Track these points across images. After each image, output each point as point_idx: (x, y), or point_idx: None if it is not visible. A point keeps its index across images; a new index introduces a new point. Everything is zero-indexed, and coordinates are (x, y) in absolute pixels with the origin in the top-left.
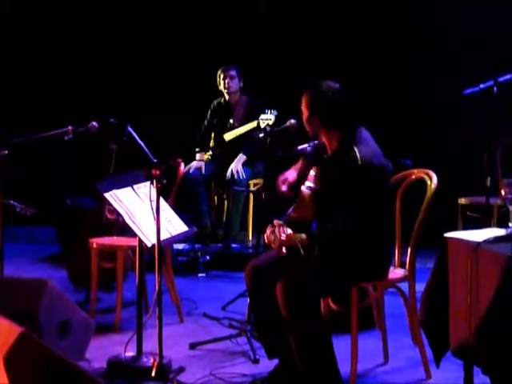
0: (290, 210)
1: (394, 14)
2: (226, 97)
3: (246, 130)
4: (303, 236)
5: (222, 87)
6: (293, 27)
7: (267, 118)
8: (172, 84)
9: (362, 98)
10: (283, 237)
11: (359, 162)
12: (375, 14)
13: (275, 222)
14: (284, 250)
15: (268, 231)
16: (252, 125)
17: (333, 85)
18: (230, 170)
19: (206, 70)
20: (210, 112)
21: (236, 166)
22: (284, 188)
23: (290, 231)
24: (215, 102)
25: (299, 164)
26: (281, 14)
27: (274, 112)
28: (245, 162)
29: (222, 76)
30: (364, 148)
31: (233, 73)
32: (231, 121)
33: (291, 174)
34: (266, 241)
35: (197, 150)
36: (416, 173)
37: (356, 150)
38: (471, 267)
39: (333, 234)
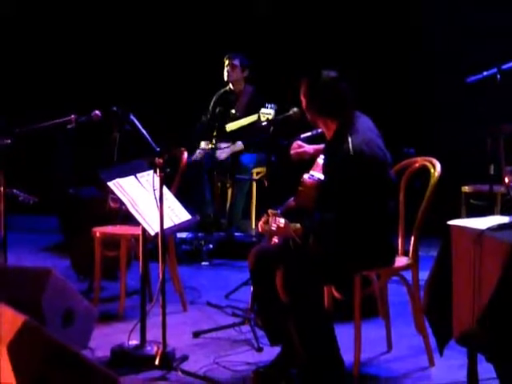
0: (291, 198)
1: (392, 5)
2: (231, 86)
3: (247, 122)
4: (298, 226)
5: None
6: (293, 25)
7: (267, 113)
8: (174, 74)
9: (364, 87)
10: (273, 227)
11: (351, 152)
12: (373, 5)
13: (269, 211)
14: (276, 239)
15: (261, 220)
16: (253, 118)
17: (329, 73)
18: (218, 156)
19: (208, 61)
20: (213, 102)
21: (224, 153)
22: (295, 152)
23: (283, 221)
24: (220, 91)
25: (319, 146)
26: (281, 13)
27: (274, 106)
28: (249, 151)
29: (226, 63)
30: (358, 138)
31: (235, 62)
32: (233, 111)
33: (309, 149)
34: (260, 230)
35: (202, 142)
36: (419, 161)
37: (349, 139)
38: (475, 255)
39: (324, 224)
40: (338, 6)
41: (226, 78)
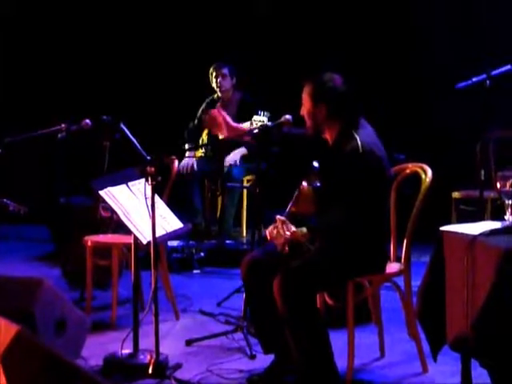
0: (290, 204)
1: (391, 10)
2: (219, 94)
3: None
4: (304, 230)
5: (214, 85)
6: (292, 27)
7: (260, 120)
8: (165, 82)
9: (358, 92)
10: (287, 234)
11: (360, 150)
12: (371, 9)
13: (278, 217)
14: (287, 247)
15: (271, 227)
16: (245, 125)
17: (335, 75)
18: (227, 161)
19: (198, 68)
20: (201, 110)
21: (234, 157)
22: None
23: (293, 228)
24: (208, 99)
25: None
26: (281, 13)
27: (267, 114)
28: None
29: (214, 74)
30: (365, 136)
31: (225, 71)
32: None
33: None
34: (269, 237)
35: (187, 146)
36: (410, 167)
37: (357, 137)
38: (467, 260)
39: (335, 223)
40: (337, 7)
41: (218, 89)
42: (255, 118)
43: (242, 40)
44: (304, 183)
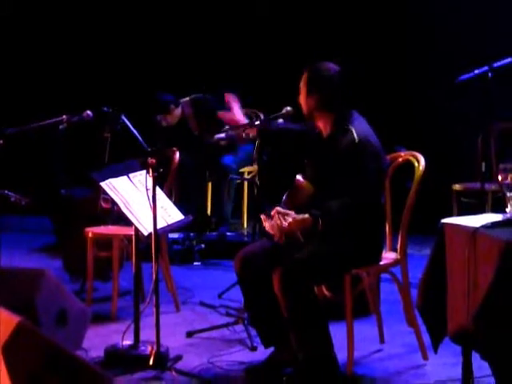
0: (284, 197)
1: (389, 5)
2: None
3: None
4: (306, 216)
5: None
6: (293, 25)
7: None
8: (165, 74)
9: (357, 85)
10: (285, 224)
11: (356, 141)
12: (371, 5)
13: (276, 209)
14: (283, 237)
15: (269, 219)
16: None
17: (333, 66)
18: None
19: (197, 59)
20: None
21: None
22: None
23: (290, 219)
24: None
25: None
26: (280, 13)
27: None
28: (234, 150)
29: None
30: (360, 128)
31: (160, 118)
32: (192, 134)
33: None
34: (267, 228)
35: None
36: (403, 155)
37: (352, 129)
38: (469, 253)
39: (338, 207)
40: (336, 6)
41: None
42: (218, 136)
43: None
44: (298, 176)
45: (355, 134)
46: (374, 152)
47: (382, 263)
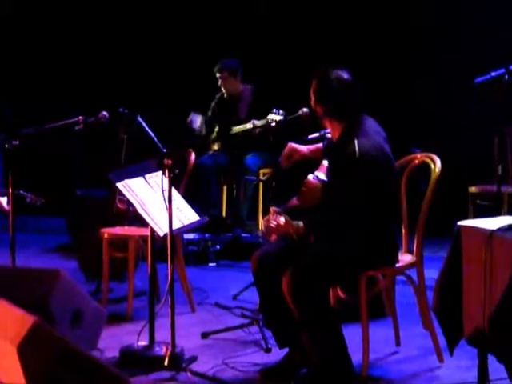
0: (294, 198)
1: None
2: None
3: (253, 126)
4: (300, 223)
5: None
6: (293, 25)
7: (275, 119)
8: (179, 76)
9: (371, 86)
10: (273, 224)
11: (357, 155)
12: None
13: (272, 209)
14: (274, 236)
15: (265, 219)
16: (260, 123)
17: (341, 75)
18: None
19: (212, 61)
20: (213, 104)
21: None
22: (289, 161)
23: (283, 219)
24: (218, 96)
25: (316, 146)
26: (281, 13)
27: (283, 112)
28: (255, 151)
29: (216, 75)
30: (365, 141)
31: (225, 74)
32: (235, 114)
33: (303, 149)
34: (263, 228)
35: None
36: (419, 157)
37: (356, 141)
38: (485, 255)
39: (326, 223)
40: (339, 6)
41: (223, 91)
42: (271, 116)
43: (241, 40)
44: (309, 176)
45: (357, 148)
46: (373, 168)
47: (397, 265)
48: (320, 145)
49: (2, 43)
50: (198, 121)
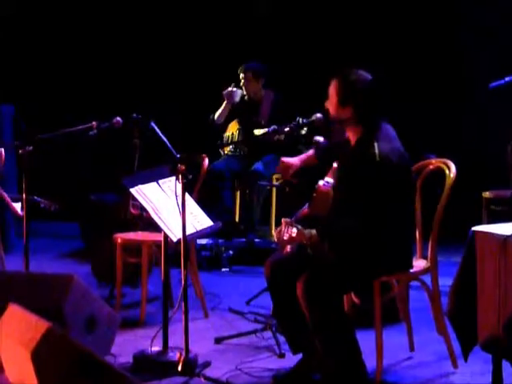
0: (305, 206)
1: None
2: (249, 94)
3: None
4: (313, 232)
5: (241, 86)
6: (293, 25)
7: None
8: (195, 80)
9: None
10: (286, 237)
11: (377, 159)
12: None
13: (283, 220)
14: (288, 248)
15: (277, 230)
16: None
17: (367, 76)
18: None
19: (228, 64)
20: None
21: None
22: (288, 175)
23: (295, 230)
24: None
25: (306, 154)
26: (281, 14)
27: (306, 120)
28: (268, 157)
29: (240, 76)
30: (384, 145)
31: (249, 74)
32: (257, 118)
33: (295, 162)
34: (275, 239)
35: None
36: (434, 163)
37: (376, 146)
38: (500, 261)
39: (346, 229)
40: (340, 5)
41: (244, 91)
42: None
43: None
44: (320, 182)
45: (377, 152)
46: (393, 171)
47: (412, 271)
48: (310, 152)
49: (14, 49)
50: (238, 96)
